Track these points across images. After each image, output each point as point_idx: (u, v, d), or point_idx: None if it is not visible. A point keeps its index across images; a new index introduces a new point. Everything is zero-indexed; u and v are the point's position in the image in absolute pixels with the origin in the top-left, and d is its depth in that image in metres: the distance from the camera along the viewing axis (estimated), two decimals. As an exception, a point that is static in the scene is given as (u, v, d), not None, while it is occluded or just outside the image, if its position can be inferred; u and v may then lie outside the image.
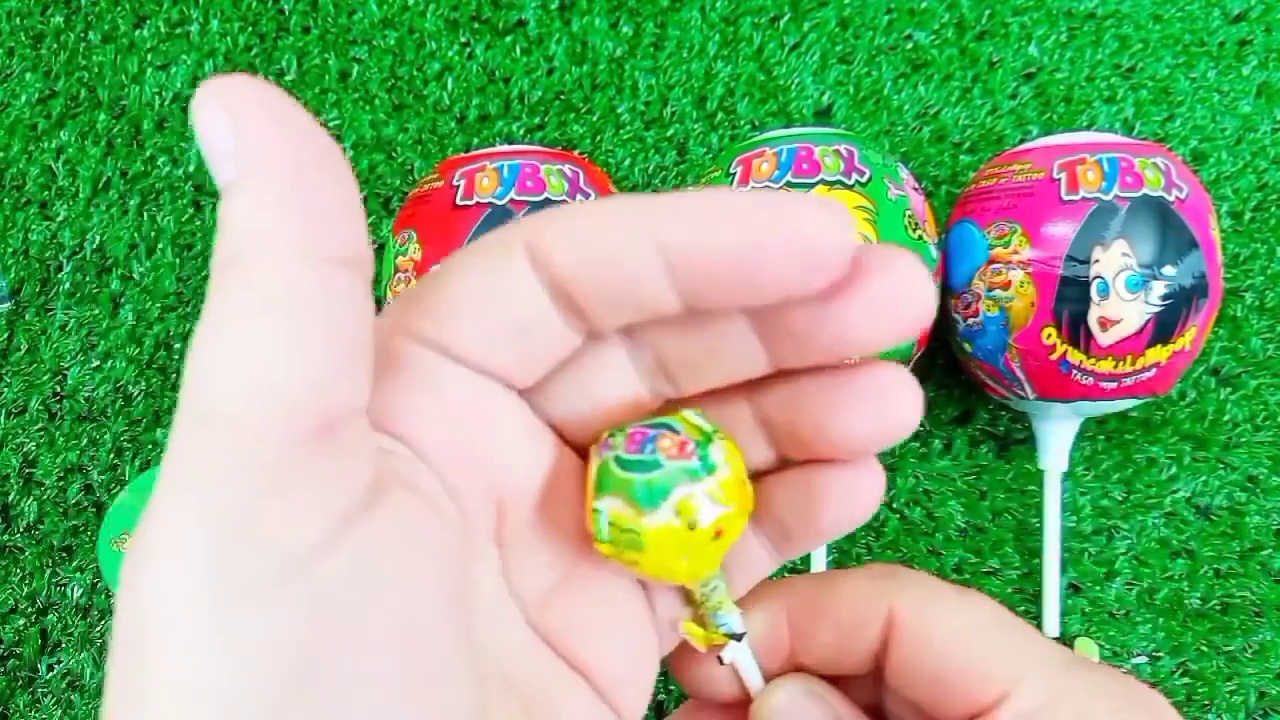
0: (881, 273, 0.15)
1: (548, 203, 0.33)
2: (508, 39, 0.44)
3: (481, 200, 0.33)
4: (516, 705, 0.17)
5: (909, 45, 0.44)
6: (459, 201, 0.33)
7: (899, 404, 0.18)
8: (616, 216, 0.15)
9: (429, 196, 0.34)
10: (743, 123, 0.43)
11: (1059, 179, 0.33)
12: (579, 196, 0.33)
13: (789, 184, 0.33)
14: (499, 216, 0.32)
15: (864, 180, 0.33)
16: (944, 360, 0.40)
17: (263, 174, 0.13)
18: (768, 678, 0.20)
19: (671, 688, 0.38)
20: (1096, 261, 0.32)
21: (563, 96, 0.44)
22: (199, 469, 0.12)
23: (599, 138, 0.43)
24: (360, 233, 0.13)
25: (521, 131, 0.43)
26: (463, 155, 0.35)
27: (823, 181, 0.32)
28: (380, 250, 0.42)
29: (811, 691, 0.20)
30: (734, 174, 0.34)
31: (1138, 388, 0.33)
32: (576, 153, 0.42)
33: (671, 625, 0.20)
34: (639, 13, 0.44)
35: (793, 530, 0.19)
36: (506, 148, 0.35)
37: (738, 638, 0.20)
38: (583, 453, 0.19)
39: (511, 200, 0.32)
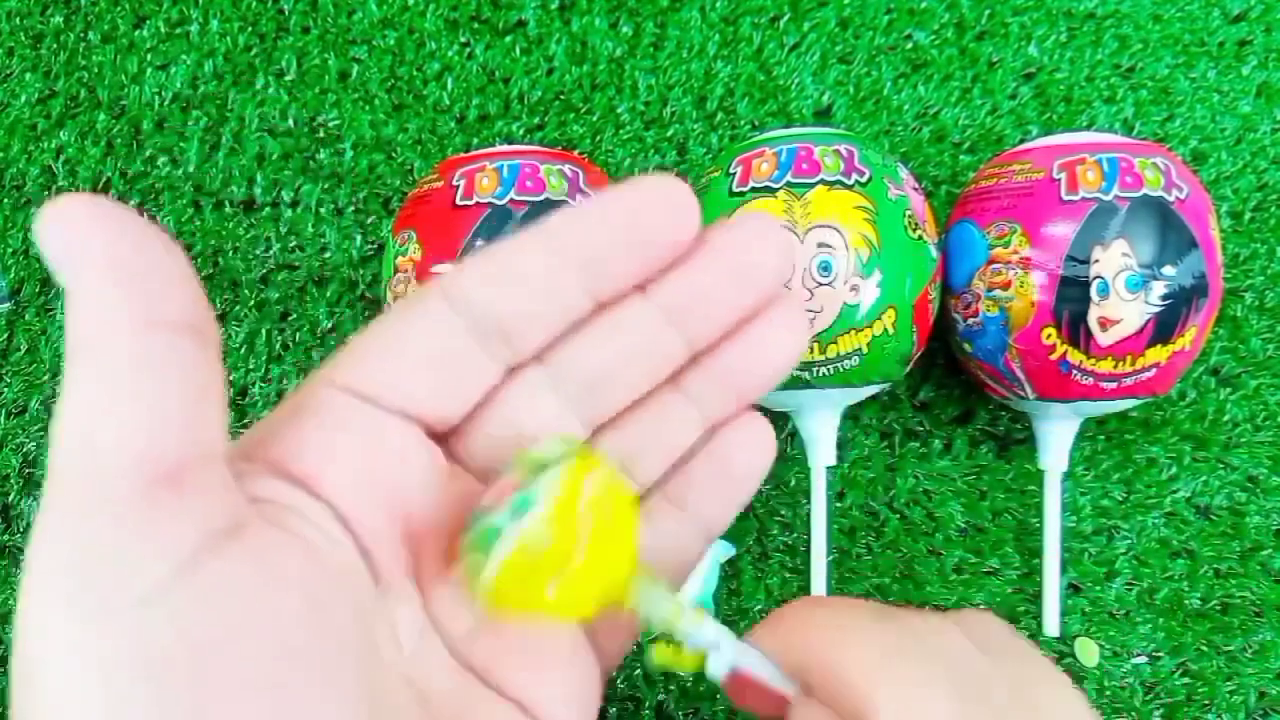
0: (731, 226, 0.20)
1: (548, 203, 0.33)
2: (508, 39, 0.44)
3: (481, 200, 0.33)
4: None
5: (909, 45, 0.44)
6: (459, 201, 0.33)
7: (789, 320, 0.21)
8: (523, 245, 0.19)
9: (429, 196, 0.34)
10: (743, 123, 0.43)
11: (1059, 179, 0.33)
12: (579, 196, 0.33)
13: (789, 184, 0.33)
14: (499, 216, 0.32)
15: (864, 180, 0.33)
16: (944, 360, 0.40)
17: (93, 271, 0.14)
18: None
19: (672, 687, 0.38)
20: (1096, 261, 0.32)
21: (563, 96, 0.44)
22: (57, 522, 0.14)
23: (599, 138, 0.43)
24: (193, 302, 0.15)
25: (521, 131, 0.43)
26: (463, 155, 0.35)
27: (823, 181, 0.32)
28: (380, 250, 0.42)
29: None
30: (734, 174, 0.34)
31: (1138, 388, 0.33)
32: (576, 153, 0.42)
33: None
34: (639, 13, 0.44)
35: (709, 497, 0.21)
36: (507, 148, 0.35)
37: (716, 648, 0.18)
38: None
39: (511, 200, 0.32)
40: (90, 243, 0.14)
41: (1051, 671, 0.19)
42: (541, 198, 0.33)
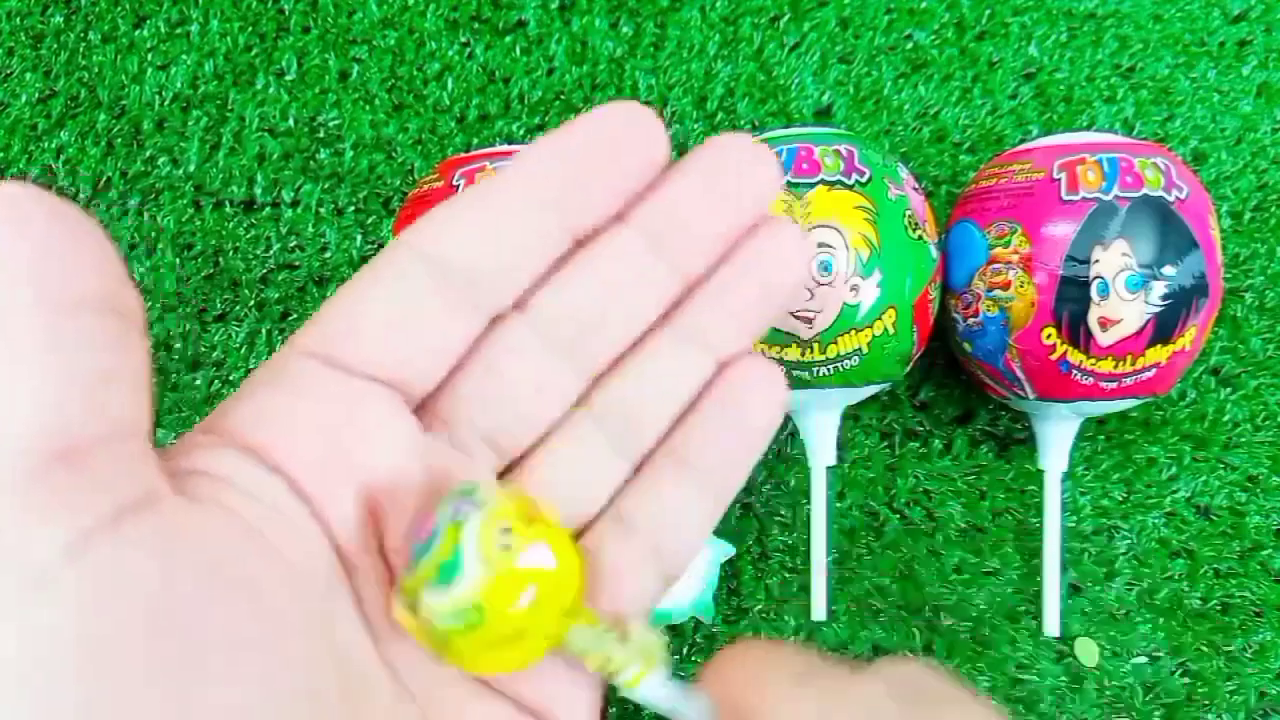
0: (705, 146, 0.19)
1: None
2: (508, 39, 0.44)
3: (481, 200, 0.33)
4: (413, 713, 0.17)
5: (909, 45, 0.44)
6: (459, 201, 0.33)
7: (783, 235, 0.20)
8: (489, 188, 0.18)
9: (429, 196, 0.34)
10: (743, 123, 0.43)
11: (1059, 179, 0.33)
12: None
13: (789, 184, 0.33)
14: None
15: (864, 180, 0.33)
16: (944, 360, 0.40)
17: (6, 255, 0.14)
18: None
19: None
20: (1096, 261, 0.32)
21: (563, 96, 0.44)
22: None
23: (599, 138, 0.43)
24: (108, 280, 0.14)
25: (521, 131, 0.43)
26: (463, 155, 0.35)
27: (823, 181, 0.32)
28: (380, 250, 0.42)
29: None
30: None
31: (1138, 388, 0.33)
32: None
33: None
34: (639, 13, 0.44)
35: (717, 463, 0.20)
36: (507, 147, 0.35)
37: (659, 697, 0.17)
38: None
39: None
40: (8, 229, 0.14)
41: (978, 714, 0.18)
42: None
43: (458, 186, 0.33)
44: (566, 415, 0.20)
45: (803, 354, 0.33)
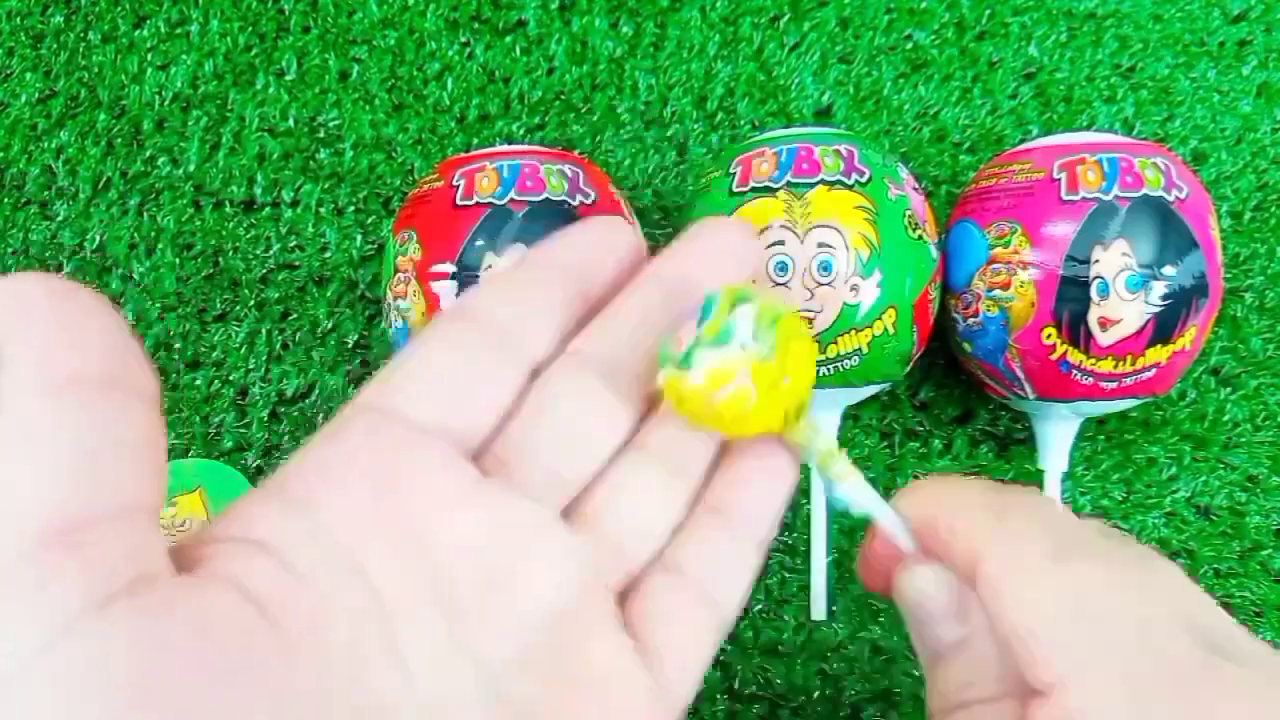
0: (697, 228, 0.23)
1: (547, 203, 0.33)
2: (508, 39, 0.44)
3: (481, 200, 0.33)
4: None
5: (909, 45, 0.44)
6: (459, 201, 0.33)
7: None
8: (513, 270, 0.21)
9: (429, 196, 0.34)
10: (743, 123, 0.43)
11: (1059, 179, 0.33)
12: (578, 196, 0.33)
13: (789, 184, 0.33)
14: (498, 216, 0.32)
15: (864, 180, 0.33)
16: (944, 360, 0.40)
17: (9, 338, 0.14)
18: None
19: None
20: (1096, 261, 0.32)
21: (563, 96, 0.44)
22: None
23: (599, 138, 0.43)
24: (116, 357, 0.15)
25: (521, 131, 0.43)
26: (463, 155, 0.35)
27: (823, 181, 0.32)
28: (380, 250, 0.42)
29: (952, 583, 0.20)
30: (734, 174, 0.34)
31: (1138, 388, 0.33)
32: (576, 153, 0.42)
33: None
34: (639, 13, 0.44)
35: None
36: (507, 147, 0.35)
37: (856, 491, 0.20)
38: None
39: (511, 200, 0.32)
40: (19, 313, 0.14)
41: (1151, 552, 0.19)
42: (541, 198, 0.33)
43: (457, 187, 0.33)
44: (621, 452, 0.21)
45: (803, 354, 0.33)
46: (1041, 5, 0.44)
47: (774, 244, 0.32)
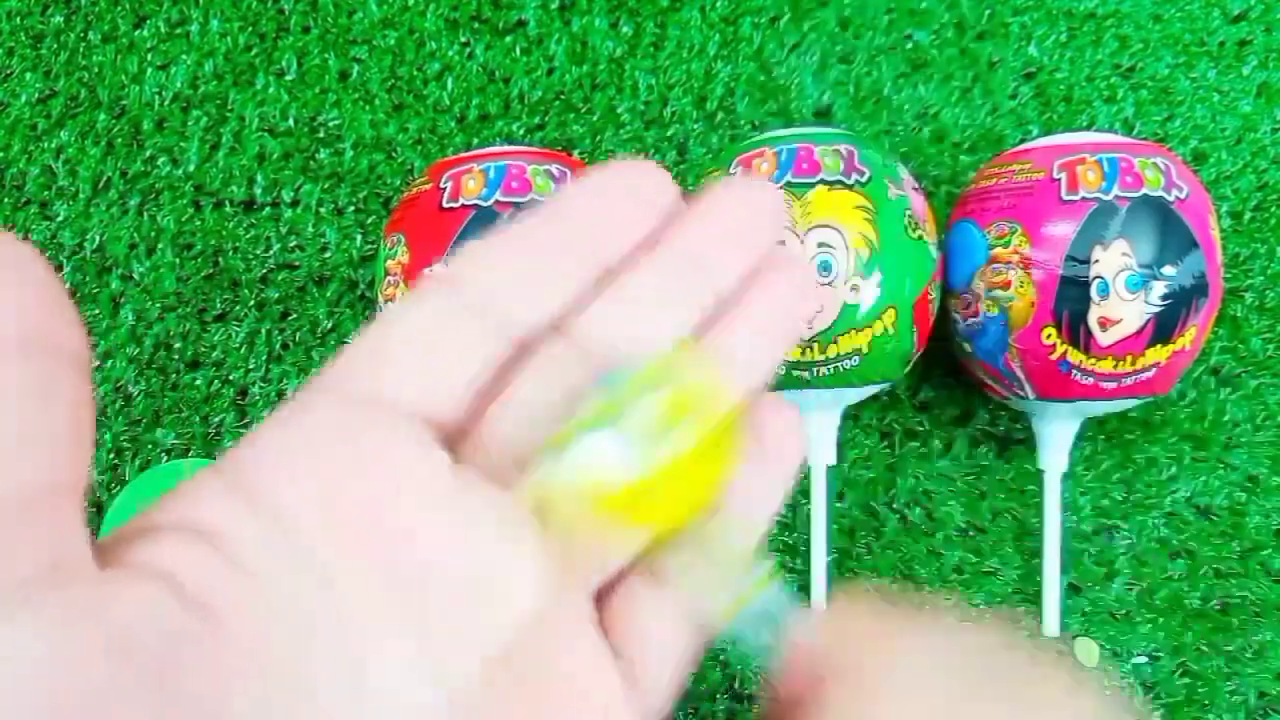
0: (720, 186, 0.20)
1: (533, 203, 0.33)
2: (508, 39, 0.44)
3: (467, 202, 0.33)
4: None
5: (909, 45, 0.44)
6: (445, 204, 0.33)
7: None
8: (519, 235, 0.19)
9: (417, 199, 0.34)
10: (743, 123, 0.43)
11: (1059, 179, 0.33)
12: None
13: (789, 184, 0.33)
14: (484, 218, 0.32)
15: (864, 180, 0.33)
16: (944, 360, 0.40)
17: None
18: None
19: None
20: (1096, 261, 0.32)
21: (563, 96, 0.44)
22: None
23: (599, 138, 0.43)
24: (43, 314, 0.13)
25: (521, 131, 0.43)
26: (452, 158, 0.35)
27: (823, 181, 0.32)
28: (375, 254, 0.42)
29: None
30: (734, 174, 0.34)
31: (1138, 388, 0.33)
32: (576, 153, 0.42)
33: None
34: (639, 13, 0.44)
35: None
36: (495, 149, 0.35)
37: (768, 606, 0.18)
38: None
39: (496, 201, 0.32)
40: None
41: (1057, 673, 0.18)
42: (527, 199, 0.33)
43: (444, 189, 0.33)
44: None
45: (802, 354, 0.33)
46: (1041, 5, 0.44)
47: (774, 244, 0.32)
